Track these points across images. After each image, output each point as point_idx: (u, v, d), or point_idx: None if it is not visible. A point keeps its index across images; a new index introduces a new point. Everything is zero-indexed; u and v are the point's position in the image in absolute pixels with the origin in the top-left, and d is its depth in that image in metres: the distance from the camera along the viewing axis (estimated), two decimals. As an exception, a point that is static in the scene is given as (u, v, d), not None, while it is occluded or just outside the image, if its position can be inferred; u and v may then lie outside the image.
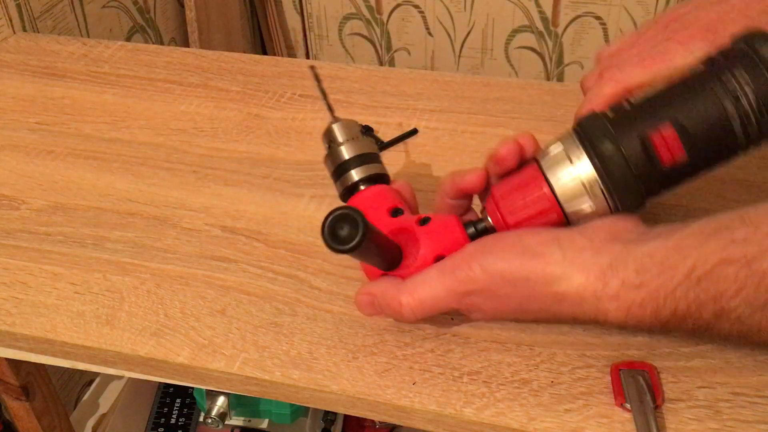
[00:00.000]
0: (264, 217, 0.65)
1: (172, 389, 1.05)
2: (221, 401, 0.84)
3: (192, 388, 0.97)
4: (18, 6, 0.98)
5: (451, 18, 1.55)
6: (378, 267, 0.50)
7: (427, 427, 0.50)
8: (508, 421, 0.48)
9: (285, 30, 1.67)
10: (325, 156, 0.56)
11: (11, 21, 0.97)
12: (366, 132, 0.73)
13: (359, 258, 0.48)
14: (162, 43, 1.37)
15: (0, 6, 0.95)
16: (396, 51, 1.63)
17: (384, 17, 1.59)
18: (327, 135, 0.56)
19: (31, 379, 0.77)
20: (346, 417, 0.99)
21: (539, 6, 1.49)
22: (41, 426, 0.80)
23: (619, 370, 0.49)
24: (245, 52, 1.59)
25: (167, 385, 1.05)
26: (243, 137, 0.75)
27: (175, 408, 1.03)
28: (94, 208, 0.66)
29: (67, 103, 0.81)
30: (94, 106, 0.80)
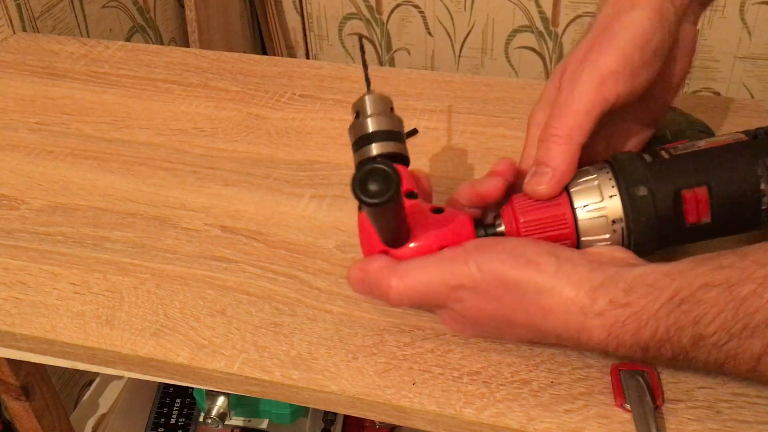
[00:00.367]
0: (264, 217, 0.65)
1: (172, 389, 1.05)
2: (221, 401, 0.84)
3: (192, 388, 0.97)
4: (18, 6, 0.98)
5: (451, 18, 1.55)
6: (384, 239, 0.49)
7: (427, 428, 0.50)
8: (508, 422, 0.48)
9: (285, 30, 1.67)
10: (350, 126, 0.54)
11: (11, 21, 0.97)
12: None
13: (376, 220, 0.46)
14: (162, 43, 1.37)
15: (0, 6, 0.95)
16: (396, 51, 1.63)
17: (384, 17, 1.59)
18: (357, 105, 0.54)
19: (31, 379, 0.77)
20: (346, 417, 0.99)
21: (539, 6, 1.49)
22: (41, 426, 0.80)
23: (619, 370, 0.49)
24: (245, 52, 1.59)
25: (167, 385, 1.05)
26: (243, 137, 0.75)
27: (175, 408, 1.03)
28: (94, 208, 0.66)
29: (67, 103, 0.81)
30: (94, 106, 0.80)
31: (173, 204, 0.66)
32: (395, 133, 0.53)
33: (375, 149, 0.52)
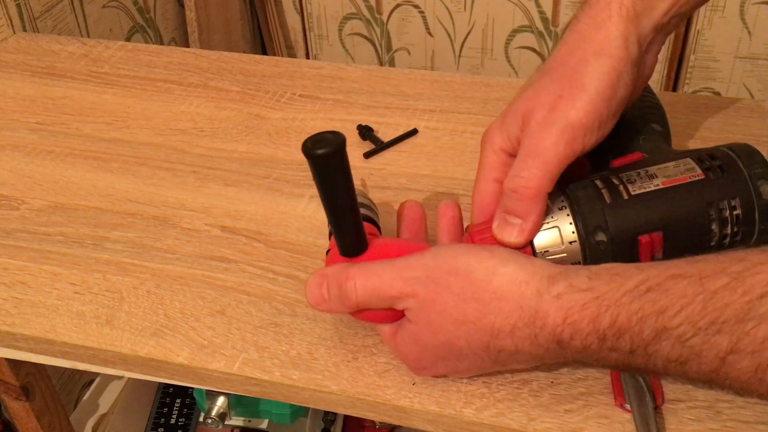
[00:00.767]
0: (264, 217, 0.65)
1: (172, 389, 1.05)
2: (221, 401, 0.84)
3: (192, 388, 0.97)
4: (18, 6, 0.98)
5: (451, 18, 1.55)
6: (341, 242, 0.49)
7: (427, 428, 0.50)
8: (507, 422, 0.48)
9: (285, 30, 1.67)
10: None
11: (11, 21, 0.97)
12: (366, 132, 0.73)
13: (322, 183, 0.46)
14: (162, 43, 1.37)
15: (0, 6, 0.95)
16: (396, 51, 1.63)
17: (384, 17, 1.59)
18: None
19: (31, 379, 0.77)
20: (346, 417, 0.99)
21: (539, 6, 1.49)
22: (41, 426, 0.80)
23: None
24: (245, 52, 1.59)
25: (167, 385, 1.05)
26: (243, 137, 0.75)
27: (175, 408, 1.03)
28: (94, 208, 0.66)
29: (67, 103, 0.81)
30: (94, 106, 0.80)
31: (173, 204, 0.66)
32: (368, 207, 0.56)
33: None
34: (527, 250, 0.49)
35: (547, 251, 0.48)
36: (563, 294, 0.42)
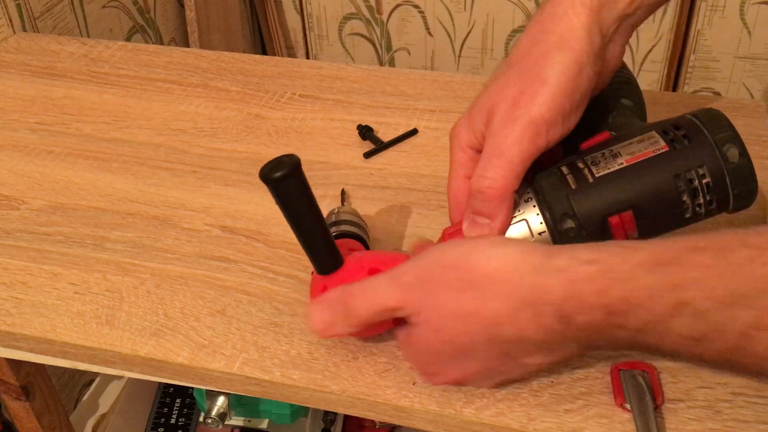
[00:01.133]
0: (264, 217, 0.65)
1: (172, 389, 1.05)
2: (221, 401, 0.84)
3: (192, 388, 0.97)
4: (18, 6, 0.98)
5: (451, 18, 1.55)
6: (314, 260, 0.49)
7: (427, 428, 0.50)
8: (508, 422, 0.48)
9: (285, 30, 1.67)
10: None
11: (11, 21, 0.97)
12: (366, 132, 0.73)
13: (282, 203, 0.47)
14: (162, 43, 1.37)
15: (0, 6, 0.95)
16: (396, 51, 1.63)
17: (384, 17, 1.59)
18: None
19: (31, 379, 0.77)
20: (346, 417, 0.99)
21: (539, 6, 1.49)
22: (41, 426, 0.80)
23: (619, 370, 0.49)
24: (245, 52, 1.59)
25: (167, 385, 1.05)
26: (243, 137, 0.75)
27: (175, 408, 1.03)
28: (94, 208, 0.66)
29: (67, 103, 0.81)
30: (94, 106, 0.80)
31: (173, 204, 0.66)
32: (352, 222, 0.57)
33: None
34: None
35: None
36: (566, 267, 0.40)
